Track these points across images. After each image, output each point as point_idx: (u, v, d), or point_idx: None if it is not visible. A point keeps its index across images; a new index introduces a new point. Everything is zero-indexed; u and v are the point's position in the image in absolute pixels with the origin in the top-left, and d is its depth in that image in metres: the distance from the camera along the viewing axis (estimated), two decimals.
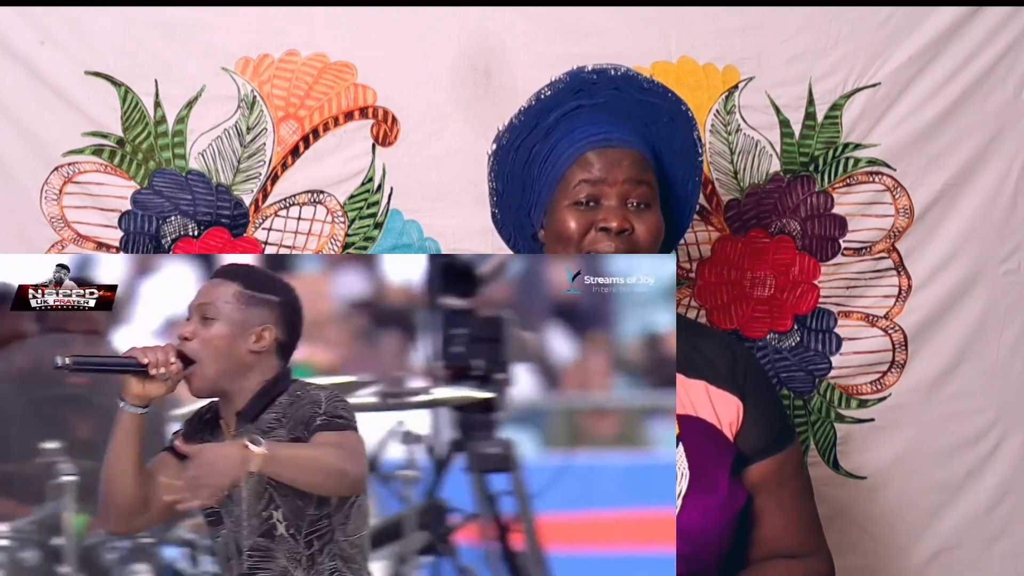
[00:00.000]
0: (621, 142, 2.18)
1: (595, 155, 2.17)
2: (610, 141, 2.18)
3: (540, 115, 2.23)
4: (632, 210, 2.15)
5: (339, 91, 2.70)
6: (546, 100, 2.23)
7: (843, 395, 2.77)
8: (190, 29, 2.68)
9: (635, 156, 2.17)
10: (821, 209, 2.74)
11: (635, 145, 2.19)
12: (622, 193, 2.15)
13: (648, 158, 2.19)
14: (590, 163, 2.16)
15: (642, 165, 2.17)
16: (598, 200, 2.15)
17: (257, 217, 2.71)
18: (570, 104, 2.22)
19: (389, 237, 2.72)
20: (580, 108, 2.22)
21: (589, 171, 2.16)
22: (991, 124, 2.72)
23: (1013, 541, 2.78)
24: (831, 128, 2.71)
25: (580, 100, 2.22)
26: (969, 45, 2.69)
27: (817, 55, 2.70)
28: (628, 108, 2.23)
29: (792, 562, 2.22)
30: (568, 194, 2.17)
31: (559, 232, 2.17)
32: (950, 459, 2.77)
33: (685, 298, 2.76)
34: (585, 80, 2.23)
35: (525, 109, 2.25)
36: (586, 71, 2.24)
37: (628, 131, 2.20)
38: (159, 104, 2.69)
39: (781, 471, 2.23)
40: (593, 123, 2.20)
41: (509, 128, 2.26)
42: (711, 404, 2.20)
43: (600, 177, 2.15)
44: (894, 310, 2.75)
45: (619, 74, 2.24)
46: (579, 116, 2.22)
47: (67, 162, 2.69)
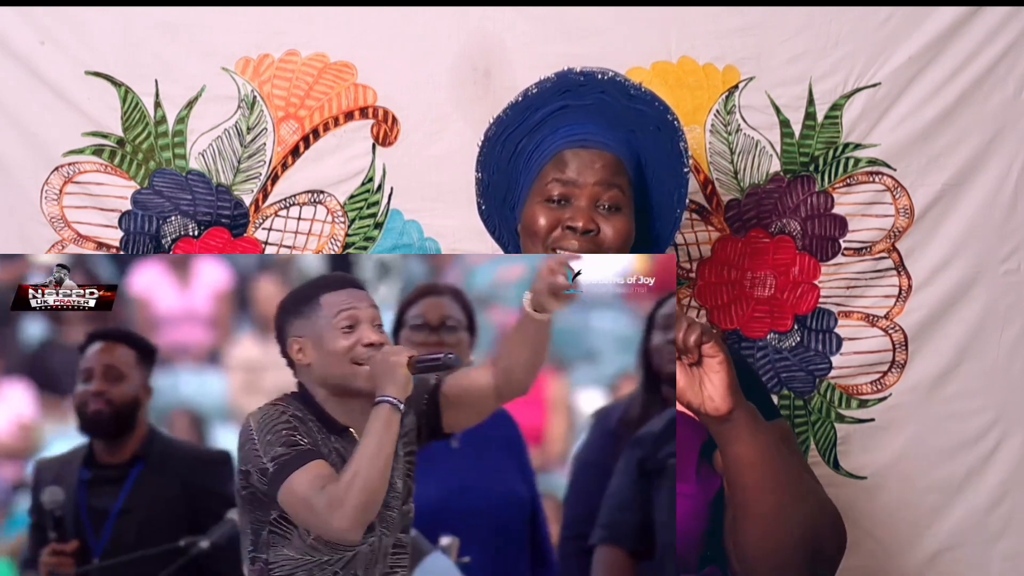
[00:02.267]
0: (598, 143, 2.18)
1: (571, 154, 2.17)
2: (587, 141, 2.18)
3: (527, 112, 2.23)
4: (601, 212, 2.15)
5: (339, 91, 2.70)
6: (533, 97, 2.23)
7: (843, 395, 2.77)
8: (190, 29, 2.68)
9: (610, 159, 2.17)
10: (821, 209, 2.74)
11: (612, 148, 2.18)
12: (592, 195, 2.15)
13: (624, 162, 2.19)
14: (564, 162, 2.17)
15: (615, 169, 2.17)
16: (568, 199, 2.16)
17: (257, 217, 2.71)
18: (556, 103, 2.22)
19: (389, 237, 2.72)
20: (566, 108, 2.22)
21: (562, 171, 2.16)
22: (991, 124, 2.72)
23: (1013, 541, 2.78)
24: (831, 128, 2.71)
25: (567, 100, 2.22)
26: (969, 45, 2.69)
27: (817, 55, 2.70)
28: (614, 113, 2.22)
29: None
30: (541, 191, 2.18)
31: (528, 226, 2.19)
32: (950, 459, 2.76)
33: (685, 298, 2.76)
34: (572, 81, 2.23)
35: (512, 105, 2.25)
36: (574, 72, 2.24)
37: (610, 135, 2.20)
38: (159, 104, 2.69)
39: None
40: (577, 123, 2.20)
41: (496, 122, 2.26)
42: None
43: (571, 179, 2.15)
44: (894, 310, 2.75)
45: (606, 78, 2.23)
46: (564, 116, 2.22)
47: (67, 162, 2.69)
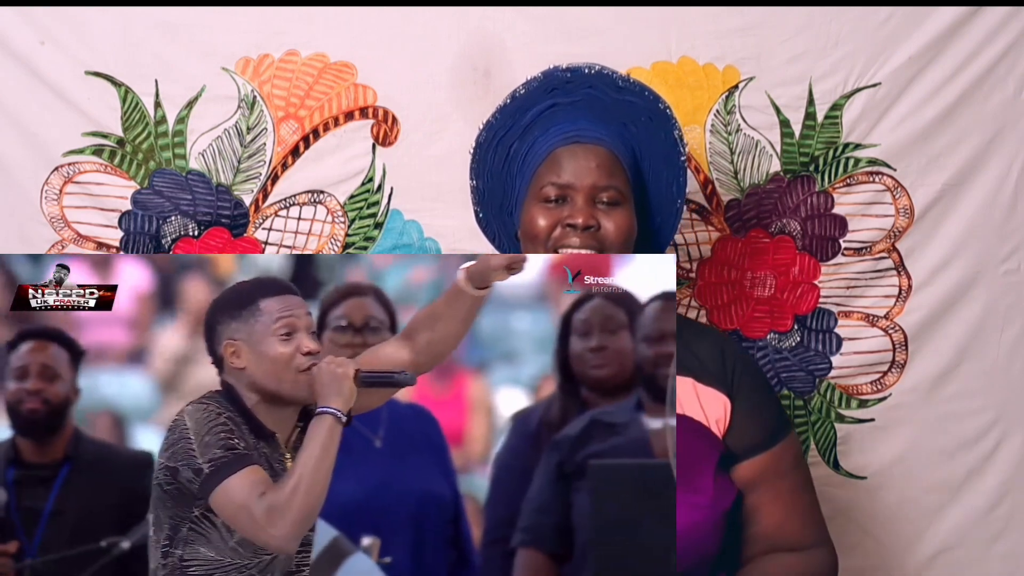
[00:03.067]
0: (592, 139, 2.17)
1: (565, 153, 2.16)
2: (580, 138, 2.17)
3: (516, 114, 2.22)
4: (601, 208, 2.15)
5: (339, 91, 2.70)
6: (521, 99, 2.22)
7: (843, 395, 2.77)
8: (190, 29, 2.68)
9: (605, 155, 2.16)
10: (821, 209, 2.74)
11: (607, 143, 2.17)
12: (590, 193, 2.15)
13: (620, 156, 2.18)
14: (559, 164, 2.16)
15: (611, 165, 2.16)
16: (566, 199, 2.15)
17: (257, 217, 2.71)
18: (546, 102, 2.21)
19: (389, 237, 2.72)
20: (556, 106, 2.21)
21: (558, 174, 2.15)
22: (991, 124, 2.72)
23: (1013, 541, 2.78)
24: (831, 128, 2.71)
25: (555, 99, 2.21)
26: (969, 45, 2.69)
27: (817, 55, 2.69)
28: (605, 107, 2.21)
29: (793, 555, 2.19)
30: (537, 194, 2.17)
31: (528, 229, 2.18)
32: (950, 459, 2.76)
33: (685, 298, 2.76)
34: (559, 79, 2.22)
35: (501, 108, 2.24)
36: (560, 69, 2.23)
37: (603, 129, 2.19)
38: (159, 104, 2.69)
39: (777, 465, 2.21)
40: (568, 120, 2.20)
41: (487, 127, 2.25)
42: (698, 401, 2.20)
43: (568, 182, 2.15)
44: (894, 310, 2.75)
45: (593, 72, 2.22)
46: (555, 115, 2.21)
47: (67, 162, 2.69)
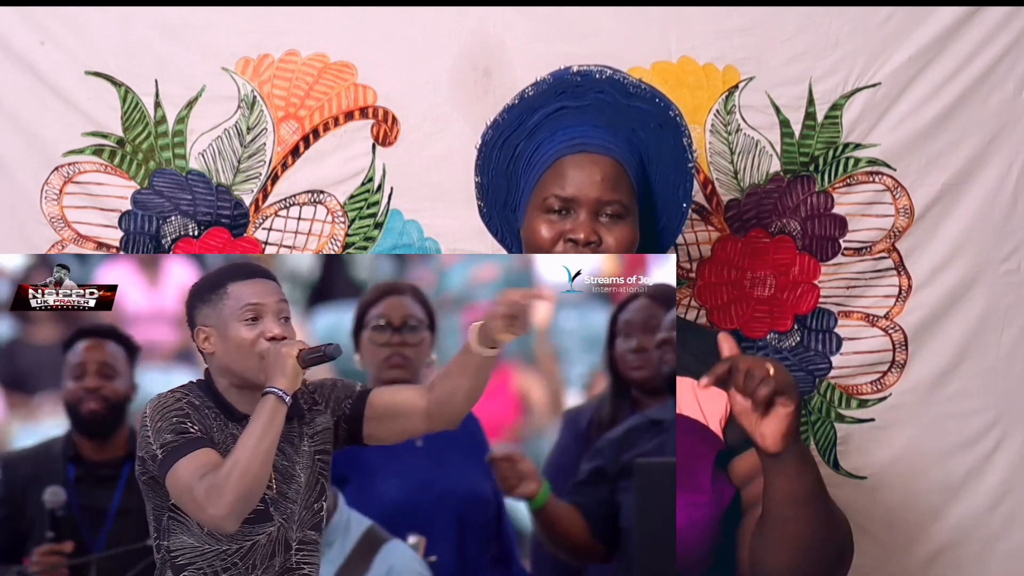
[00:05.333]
0: (598, 147, 2.15)
1: (570, 163, 2.14)
2: (586, 146, 2.15)
3: (524, 114, 2.21)
4: (603, 222, 2.14)
5: (339, 91, 2.70)
6: (530, 99, 2.21)
7: (843, 395, 2.77)
8: (190, 29, 2.68)
9: (610, 166, 2.14)
10: (821, 209, 2.74)
11: (613, 151, 2.16)
12: (593, 208, 2.13)
13: (626, 165, 2.16)
14: (563, 175, 2.14)
15: (616, 177, 2.14)
16: (569, 211, 2.14)
17: (257, 217, 2.71)
18: (554, 105, 2.19)
19: (389, 237, 2.72)
20: (564, 110, 2.19)
21: (562, 186, 2.14)
22: (991, 124, 2.72)
23: (1013, 540, 2.78)
24: (831, 128, 2.71)
25: (564, 102, 2.19)
26: (969, 45, 2.69)
27: (817, 55, 2.69)
28: (613, 112, 2.19)
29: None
30: (540, 203, 2.16)
31: (530, 238, 2.17)
32: (950, 459, 2.76)
33: (685, 298, 2.76)
34: (569, 82, 2.20)
35: (509, 107, 2.23)
36: (570, 72, 2.21)
37: (610, 136, 2.17)
38: (159, 104, 2.69)
39: None
40: (575, 126, 2.18)
41: (494, 125, 2.24)
42: (696, 401, 2.19)
43: (572, 195, 2.13)
44: (894, 310, 2.75)
45: (604, 77, 2.20)
46: (562, 118, 2.19)
47: (67, 162, 2.69)
